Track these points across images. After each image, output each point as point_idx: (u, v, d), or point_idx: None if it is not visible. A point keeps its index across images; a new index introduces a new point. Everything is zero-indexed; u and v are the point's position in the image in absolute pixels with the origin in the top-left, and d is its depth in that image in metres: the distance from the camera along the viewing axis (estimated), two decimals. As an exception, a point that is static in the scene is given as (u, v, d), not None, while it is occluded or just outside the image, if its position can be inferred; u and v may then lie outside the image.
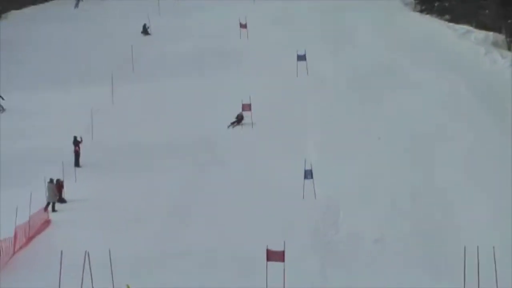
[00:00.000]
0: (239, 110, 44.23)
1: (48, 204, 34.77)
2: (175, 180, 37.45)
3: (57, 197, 35.69)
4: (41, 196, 34.09)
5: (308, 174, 34.94)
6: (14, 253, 29.72)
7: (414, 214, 32.41)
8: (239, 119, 44.86)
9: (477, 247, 20.61)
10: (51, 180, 35.46)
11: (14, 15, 74.54)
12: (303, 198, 34.38)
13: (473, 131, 40.96)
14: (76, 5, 76.31)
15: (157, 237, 30.92)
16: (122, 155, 41.60)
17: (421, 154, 38.92)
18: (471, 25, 61.11)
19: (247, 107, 44.53)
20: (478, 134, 40.48)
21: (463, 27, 60.89)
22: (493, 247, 20.66)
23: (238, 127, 44.12)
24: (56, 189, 35.75)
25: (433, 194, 34.27)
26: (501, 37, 58.20)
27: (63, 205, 35.53)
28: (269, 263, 25.75)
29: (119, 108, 47.92)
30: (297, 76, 51.10)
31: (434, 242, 29.61)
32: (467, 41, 56.99)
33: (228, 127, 43.94)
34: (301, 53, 51.53)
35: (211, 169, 38.98)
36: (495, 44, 57.11)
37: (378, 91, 47.95)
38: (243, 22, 61.99)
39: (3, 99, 49.81)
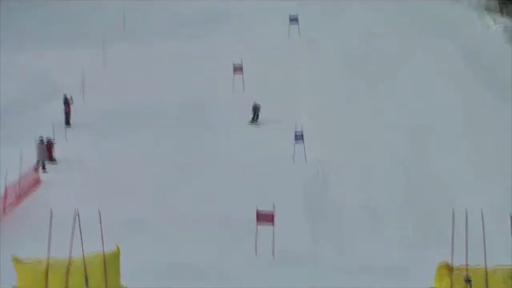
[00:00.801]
0: (230, 72, 44.14)
1: (38, 163, 34.73)
2: (166, 143, 37.44)
3: (47, 157, 35.81)
4: (31, 155, 33.94)
5: (299, 138, 35.06)
6: (4, 212, 29.95)
7: (404, 182, 32.74)
8: (256, 111, 40.61)
9: (465, 209, 20.77)
10: (41, 140, 35.46)
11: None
12: (294, 162, 34.69)
13: (465, 96, 41.16)
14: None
15: (147, 200, 30.99)
16: (113, 116, 41.36)
17: (414, 121, 39.07)
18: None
19: (238, 69, 44.15)
20: (470, 100, 40.64)
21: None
22: (481, 210, 20.81)
23: (228, 91, 44.22)
24: (46, 148, 35.83)
25: (424, 160, 34.68)
26: (494, 2, 58.18)
27: (54, 165, 35.66)
28: (260, 226, 26.05)
29: (110, 70, 47.73)
30: (288, 37, 51.06)
31: (423, 208, 30.00)
32: (460, 6, 56.94)
33: (249, 123, 40.42)
34: (294, 14, 51.17)
35: (202, 132, 38.91)
36: (488, 8, 57.13)
37: (373, 56, 48.07)
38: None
39: None
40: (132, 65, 48.06)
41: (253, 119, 40.35)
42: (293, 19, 51.10)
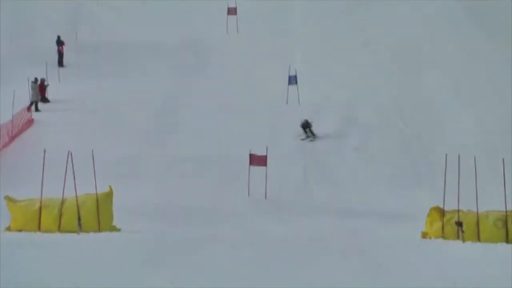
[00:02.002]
0: (224, 12, 43.65)
1: (31, 103, 34.46)
2: (160, 83, 37.17)
3: (40, 97, 35.66)
4: (25, 95, 33.69)
5: (292, 80, 34.88)
6: (-3, 151, 29.79)
7: (398, 123, 32.72)
8: (305, 127, 31.92)
9: (458, 155, 20.74)
10: (35, 80, 35.18)
11: None
12: (287, 103, 34.57)
13: (462, 41, 41.01)
14: None
15: (140, 140, 30.92)
16: (106, 56, 41.02)
17: (408, 62, 38.81)
18: None
19: (232, 11, 43.78)
20: (468, 42, 40.54)
21: None
22: (474, 157, 20.79)
23: (222, 32, 43.71)
24: (39, 89, 35.66)
25: (419, 103, 34.48)
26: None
27: (46, 105, 35.40)
28: (253, 168, 26.05)
29: (103, 7, 47.11)
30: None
31: (417, 151, 30.07)
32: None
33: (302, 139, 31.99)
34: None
35: (197, 72, 38.73)
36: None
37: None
38: None
39: None
40: (126, 3, 47.81)
41: (306, 135, 31.99)
42: None
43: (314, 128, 31.36)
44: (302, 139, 31.64)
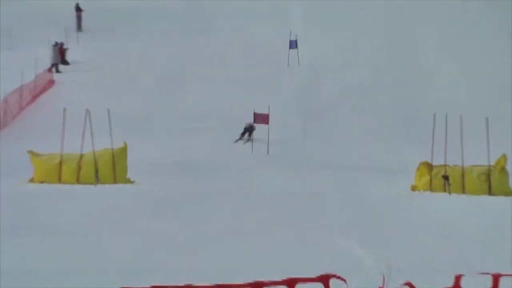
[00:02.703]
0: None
1: (52, 65, 34.81)
2: (170, 45, 37.43)
3: (60, 59, 35.91)
4: (46, 58, 34.05)
5: (293, 44, 35.19)
6: (20, 110, 30.16)
7: (391, 84, 32.90)
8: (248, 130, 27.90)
9: (446, 115, 20.97)
10: (55, 43, 35.51)
11: None
12: (288, 65, 34.86)
13: (454, 2, 41.03)
14: None
15: (153, 99, 31.15)
16: (122, 19, 41.36)
17: (400, 25, 38.87)
18: None
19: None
20: (459, 6, 40.54)
21: None
22: (460, 116, 21.02)
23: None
24: (59, 51, 35.87)
25: (411, 65, 34.65)
26: None
27: (66, 66, 35.81)
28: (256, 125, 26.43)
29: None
30: None
31: (408, 111, 30.27)
32: None
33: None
34: None
35: (202, 35, 38.95)
36: None
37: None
38: None
39: None
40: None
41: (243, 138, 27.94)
42: None
43: (316, 87, 31.65)
44: (237, 140, 27.31)
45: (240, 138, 27.64)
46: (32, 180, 20.42)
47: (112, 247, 13.42)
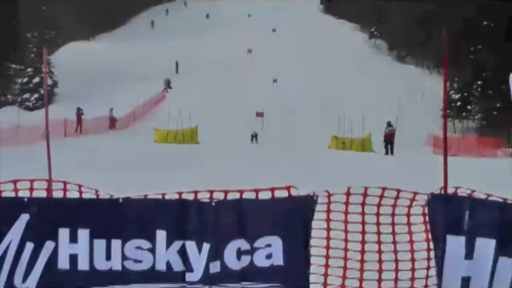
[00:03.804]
0: None
1: (164, 88, 56.46)
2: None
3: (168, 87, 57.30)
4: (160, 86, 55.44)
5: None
6: (150, 108, 50.72)
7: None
8: None
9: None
10: (165, 79, 58.08)
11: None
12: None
13: None
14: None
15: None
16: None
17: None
18: None
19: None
20: None
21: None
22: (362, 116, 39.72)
23: None
24: (168, 82, 58.17)
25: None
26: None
27: (170, 89, 56.59)
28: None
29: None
30: None
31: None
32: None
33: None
34: None
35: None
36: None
37: None
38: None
39: None
40: None
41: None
42: None
43: None
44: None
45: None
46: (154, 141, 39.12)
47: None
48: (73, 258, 5.49)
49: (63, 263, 5.50)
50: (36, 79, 60.51)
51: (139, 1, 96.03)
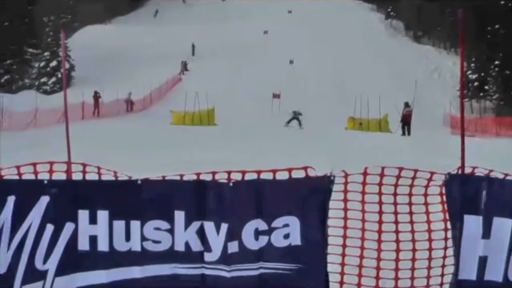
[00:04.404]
0: None
1: (181, 71, 56.72)
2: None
3: (185, 69, 57.69)
4: (178, 68, 55.55)
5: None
6: (166, 90, 51.11)
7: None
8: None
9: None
10: (182, 61, 58.67)
11: None
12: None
13: None
14: None
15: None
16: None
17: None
18: None
19: None
20: None
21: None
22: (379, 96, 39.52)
23: None
24: (185, 64, 58.56)
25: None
26: None
27: (187, 72, 56.83)
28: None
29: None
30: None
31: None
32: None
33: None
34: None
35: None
36: None
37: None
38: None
39: None
40: None
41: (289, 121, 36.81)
42: None
43: None
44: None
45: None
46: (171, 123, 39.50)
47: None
48: (93, 240, 5.54)
49: (83, 245, 5.55)
50: (53, 63, 60.78)
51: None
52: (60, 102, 7.16)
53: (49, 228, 5.49)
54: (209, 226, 5.43)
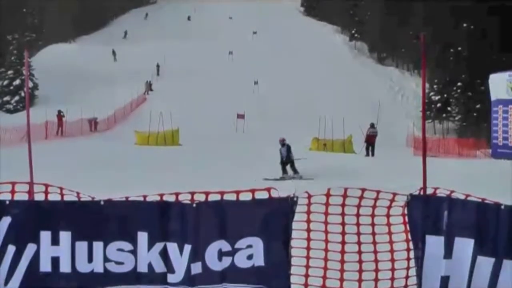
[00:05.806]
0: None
1: (145, 91, 56.18)
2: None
3: (149, 89, 57.31)
4: (142, 88, 55.12)
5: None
6: (131, 111, 50.94)
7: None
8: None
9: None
10: (147, 81, 58.00)
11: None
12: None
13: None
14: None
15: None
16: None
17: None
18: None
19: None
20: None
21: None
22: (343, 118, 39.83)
23: None
24: (149, 84, 58.19)
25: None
26: None
27: (151, 91, 56.70)
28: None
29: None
30: None
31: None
32: None
33: None
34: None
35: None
36: None
37: None
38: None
39: None
40: None
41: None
42: None
43: None
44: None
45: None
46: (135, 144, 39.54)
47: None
48: (55, 261, 5.48)
49: (45, 266, 5.49)
50: (17, 82, 60.14)
51: (119, 4, 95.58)
52: (23, 121, 7.09)
53: (11, 249, 5.43)
54: (172, 247, 5.42)
